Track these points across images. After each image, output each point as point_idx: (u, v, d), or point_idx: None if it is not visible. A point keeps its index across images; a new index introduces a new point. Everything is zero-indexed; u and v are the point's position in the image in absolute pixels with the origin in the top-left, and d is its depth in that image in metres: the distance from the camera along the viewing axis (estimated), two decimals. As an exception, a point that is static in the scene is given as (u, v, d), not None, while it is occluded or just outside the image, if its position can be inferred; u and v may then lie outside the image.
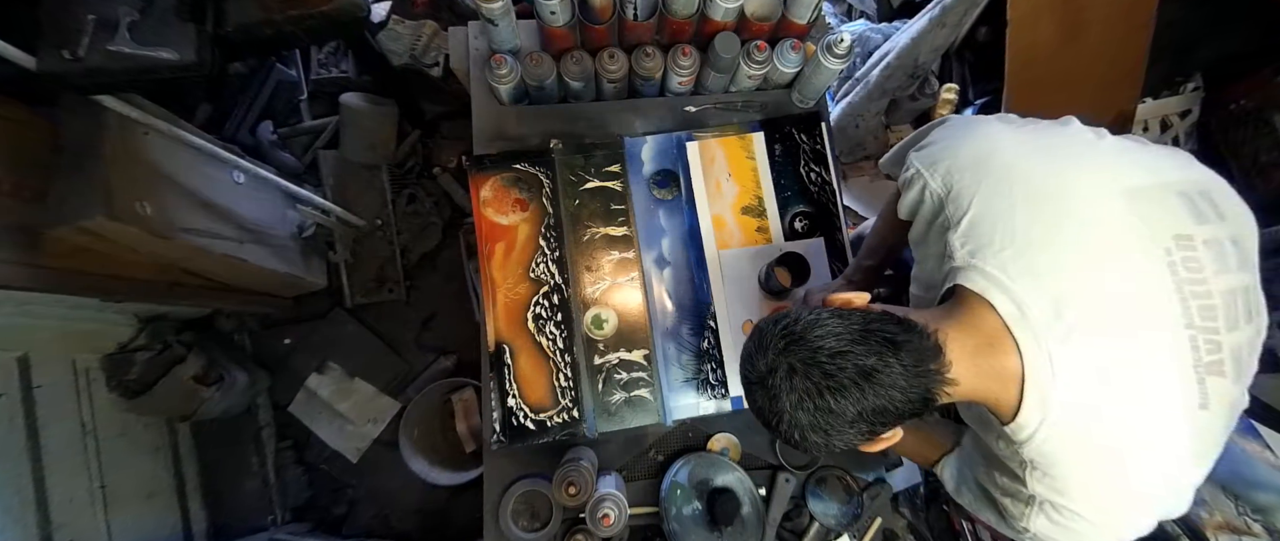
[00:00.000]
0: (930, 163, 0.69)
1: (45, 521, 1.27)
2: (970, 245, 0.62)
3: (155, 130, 1.21)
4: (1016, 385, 0.58)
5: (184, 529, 1.63)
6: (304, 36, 1.10)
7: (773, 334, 0.61)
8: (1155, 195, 0.61)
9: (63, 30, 0.92)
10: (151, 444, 1.61)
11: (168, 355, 1.53)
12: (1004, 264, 0.60)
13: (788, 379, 0.58)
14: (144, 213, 1.19)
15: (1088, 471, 0.60)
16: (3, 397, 1.25)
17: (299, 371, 1.83)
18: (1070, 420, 0.57)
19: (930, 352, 0.58)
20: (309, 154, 1.90)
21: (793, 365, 0.58)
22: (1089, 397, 0.57)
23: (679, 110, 1.15)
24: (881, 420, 0.58)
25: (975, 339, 0.60)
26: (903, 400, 0.57)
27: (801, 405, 0.58)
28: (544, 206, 1.06)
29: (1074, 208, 0.60)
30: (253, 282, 1.63)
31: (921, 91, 1.63)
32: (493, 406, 0.98)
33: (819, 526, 1.02)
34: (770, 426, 0.62)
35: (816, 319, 0.60)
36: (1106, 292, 0.58)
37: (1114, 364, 0.57)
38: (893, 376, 0.56)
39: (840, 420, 0.57)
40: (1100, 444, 0.58)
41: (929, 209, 0.69)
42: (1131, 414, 0.57)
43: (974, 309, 0.61)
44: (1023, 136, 0.67)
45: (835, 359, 0.57)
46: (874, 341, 0.58)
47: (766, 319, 0.65)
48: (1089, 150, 0.65)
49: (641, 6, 0.98)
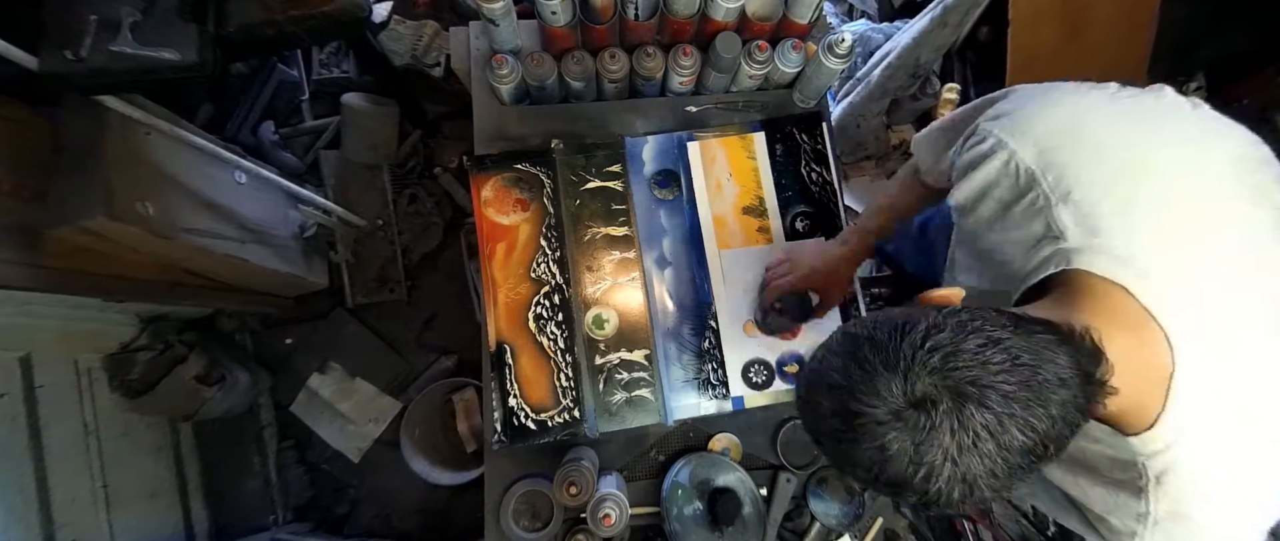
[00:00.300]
0: (1018, 131, 0.59)
1: (48, 521, 1.28)
2: (1088, 222, 0.53)
3: (157, 130, 1.21)
4: (1163, 386, 0.49)
5: (186, 528, 1.64)
6: (305, 37, 1.10)
7: (909, 347, 0.44)
8: (1254, 165, 0.55)
9: (65, 30, 0.92)
10: (154, 443, 1.61)
11: (169, 355, 1.53)
12: (1133, 242, 0.51)
13: (955, 412, 0.42)
14: (145, 213, 1.19)
15: (1229, 482, 0.51)
16: (5, 397, 1.25)
17: (300, 371, 1.83)
18: (1217, 424, 0.49)
19: (1089, 356, 0.46)
20: (310, 154, 1.90)
21: (961, 391, 0.43)
22: (1236, 396, 0.49)
23: (680, 110, 1.15)
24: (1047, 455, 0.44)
25: (1123, 334, 0.48)
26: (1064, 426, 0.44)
27: (976, 447, 0.42)
28: (545, 206, 1.06)
29: (1189, 180, 0.54)
30: (254, 283, 1.64)
31: (923, 91, 1.62)
32: (494, 406, 0.98)
33: (820, 526, 1.02)
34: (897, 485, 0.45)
35: (961, 323, 0.45)
36: (1241, 272, 0.51)
37: (1257, 353, 0.50)
38: (1065, 394, 0.44)
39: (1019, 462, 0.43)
40: (1245, 449, 0.51)
41: (1011, 186, 0.59)
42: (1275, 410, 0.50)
43: (1105, 297, 0.50)
44: (1122, 106, 0.59)
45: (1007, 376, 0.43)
46: (1041, 349, 0.45)
47: (868, 325, 0.49)
48: (1191, 120, 0.59)
49: (642, 6, 0.98)
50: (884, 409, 0.44)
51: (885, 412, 0.44)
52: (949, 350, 0.44)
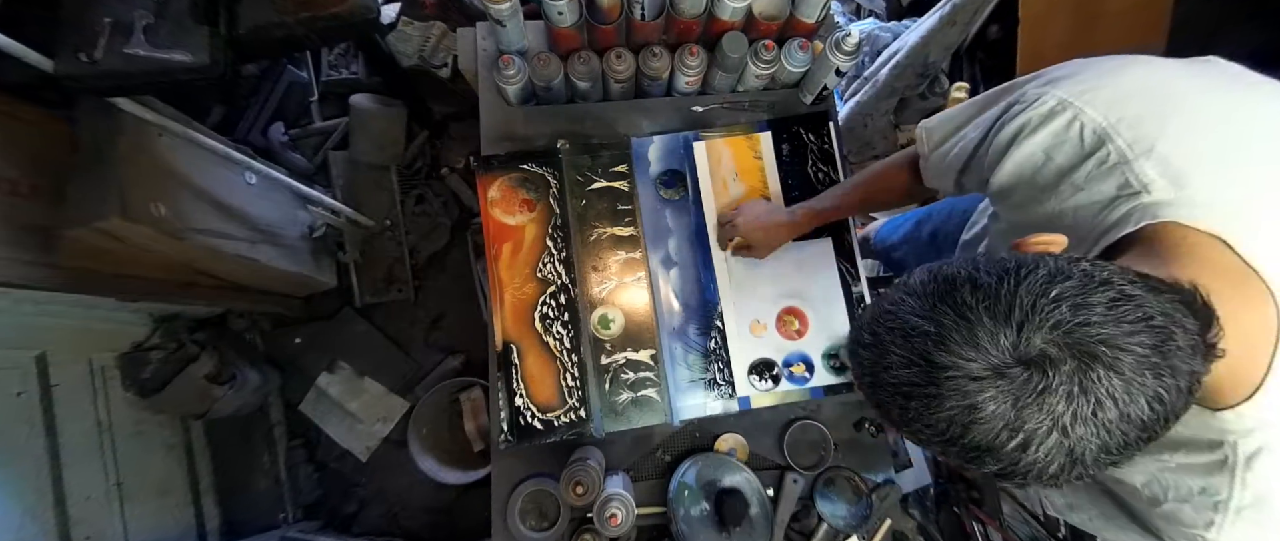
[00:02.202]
0: (1083, 91, 0.55)
1: (63, 518, 1.30)
2: (1176, 174, 0.48)
3: (169, 132, 1.23)
4: (1267, 352, 0.43)
5: (198, 526, 1.66)
6: (315, 38, 1.11)
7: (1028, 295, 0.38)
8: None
9: (80, 33, 0.94)
10: (166, 442, 1.64)
11: (181, 354, 1.55)
12: (1228, 192, 0.47)
13: (1079, 374, 0.37)
14: (158, 213, 1.21)
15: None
16: (21, 396, 1.27)
17: (309, 371, 1.85)
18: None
19: (1202, 317, 0.41)
20: (319, 155, 1.92)
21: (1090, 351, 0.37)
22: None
23: (686, 110, 1.15)
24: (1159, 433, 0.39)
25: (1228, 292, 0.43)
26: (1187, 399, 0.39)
27: (1096, 417, 0.37)
28: (551, 206, 1.06)
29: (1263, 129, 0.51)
30: (264, 282, 1.65)
31: (931, 90, 1.61)
32: (500, 406, 0.98)
33: (827, 527, 1.01)
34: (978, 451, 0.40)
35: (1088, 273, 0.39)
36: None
37: None
38: (1194, 363, 0.39)
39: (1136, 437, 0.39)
40: None
41: (1073, 148, 0.55)
42: None
43: (1202, 251, 0.45)
44: (1193, 68, 0.56)
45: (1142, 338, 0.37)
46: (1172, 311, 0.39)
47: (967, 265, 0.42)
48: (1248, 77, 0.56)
49: (649, 6, 0.98)
50: (982, 363, 0.38)
51: (983, 368, 0.38)
52: (1077, 302, 0.38)
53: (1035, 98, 0.58)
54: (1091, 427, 0.38)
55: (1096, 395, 0.37)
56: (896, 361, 0.42)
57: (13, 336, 1.26)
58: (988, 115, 0.65)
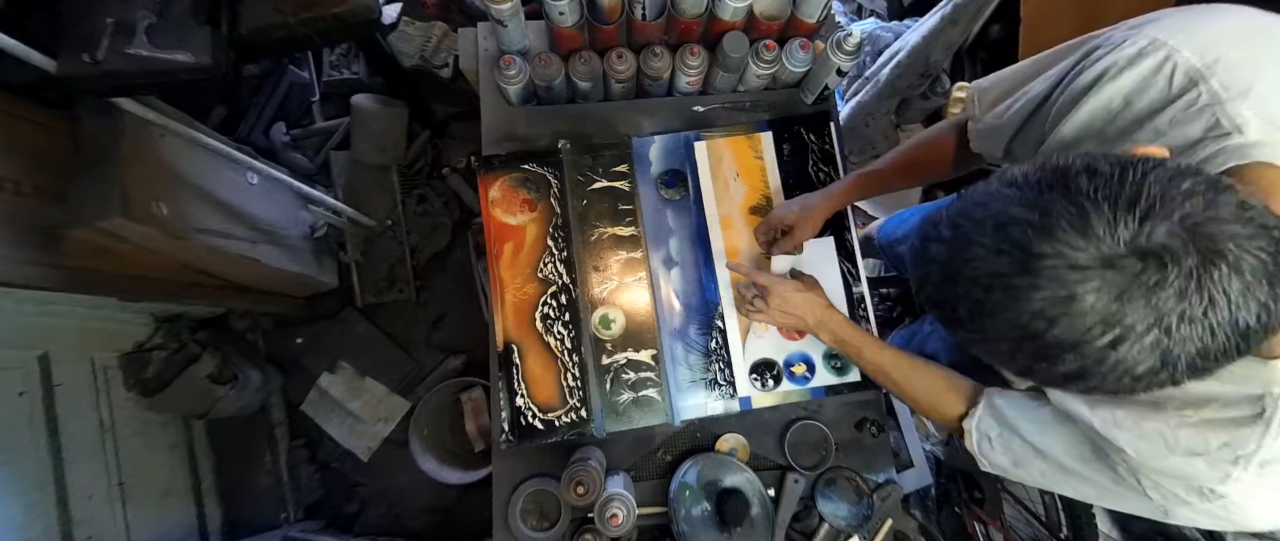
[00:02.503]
0: (1176, 32, 0.53)
1: (66, 517, 1.30)
2: (1270, 115, 0.48)
3: (171, 132, 1.23)
4: None
5: (199, 526, 1.66)
6: (317, 39, 1.11)
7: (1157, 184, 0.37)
8: None
9: (82, 34, 0.94)
10: (168, 441, 1.64)
11: (183, 354, 1.55)
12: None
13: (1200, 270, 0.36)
14: (160, 213, 1.21)
15: None
16: (24, 395, 1.28)
17: (311, 370, 1.85)
18: None
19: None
20: (321, 155, 1.92)
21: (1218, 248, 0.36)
22: None
23: (687, 110, 1.15)
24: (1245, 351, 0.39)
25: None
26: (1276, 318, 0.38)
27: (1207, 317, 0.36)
28: (552, 206, 1.06)
29: None
30: (266, 282, 1.66)
31: (933, 90, 1.61)
32: (501, 406, 0.98)
33: (829, 527, 1.01)
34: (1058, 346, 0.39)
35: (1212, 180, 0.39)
36: None
37: None
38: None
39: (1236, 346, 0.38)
40: None
41: (1160, 91, 0.53)
42: None
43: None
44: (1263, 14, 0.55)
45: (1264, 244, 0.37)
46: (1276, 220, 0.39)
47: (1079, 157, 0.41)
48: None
49: (650, 6, 0.98)
50: (1091, 252, 0.37)
51: (1090, 257, 0.37)
52: (1209, 197, 0.37)
53: (1122, 40, 0.56)
54: (1198, 328, 0.36)
55: (1211, 293, 0.36)
56: (982, 252, 0.40)
57: (15, 336, 1.27)
58: (1060, 67, 0.63)
